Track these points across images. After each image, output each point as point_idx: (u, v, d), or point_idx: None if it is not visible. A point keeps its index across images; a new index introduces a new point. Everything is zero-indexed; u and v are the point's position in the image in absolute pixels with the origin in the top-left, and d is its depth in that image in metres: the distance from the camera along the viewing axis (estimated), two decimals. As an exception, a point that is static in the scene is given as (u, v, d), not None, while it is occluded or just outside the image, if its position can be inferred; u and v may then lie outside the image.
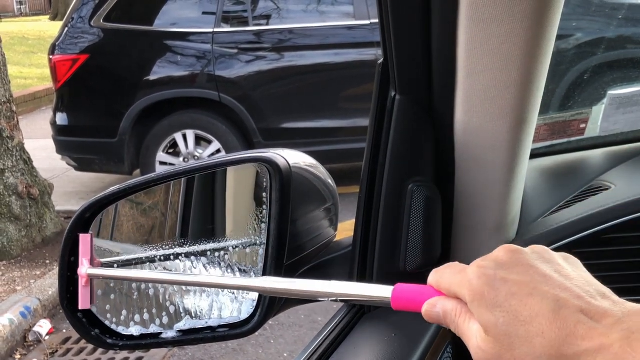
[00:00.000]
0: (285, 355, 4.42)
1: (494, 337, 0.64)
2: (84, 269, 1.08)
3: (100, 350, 4.51)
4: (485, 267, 0.68)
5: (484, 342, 0.66)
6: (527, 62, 1.03)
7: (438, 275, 0.73)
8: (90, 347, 4.58)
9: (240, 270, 1.28)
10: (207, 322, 1.17)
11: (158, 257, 1.27)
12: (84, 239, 1.10)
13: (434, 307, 0.71)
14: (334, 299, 0.80)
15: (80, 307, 1.11)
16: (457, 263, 0.73)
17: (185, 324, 1.17)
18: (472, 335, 0.67)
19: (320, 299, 0.83)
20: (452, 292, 0.70)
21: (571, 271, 0.67)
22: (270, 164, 1.13)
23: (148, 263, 1.29)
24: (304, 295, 0.83)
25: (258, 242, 1.22)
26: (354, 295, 0.78)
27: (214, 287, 1.13)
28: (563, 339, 0.60)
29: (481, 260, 0.70)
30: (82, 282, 1.09)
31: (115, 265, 1.21)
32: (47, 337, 4.77)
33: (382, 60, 1.15)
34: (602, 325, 0.60)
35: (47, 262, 5.90)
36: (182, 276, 1.13)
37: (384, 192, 1.15)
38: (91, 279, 1.10)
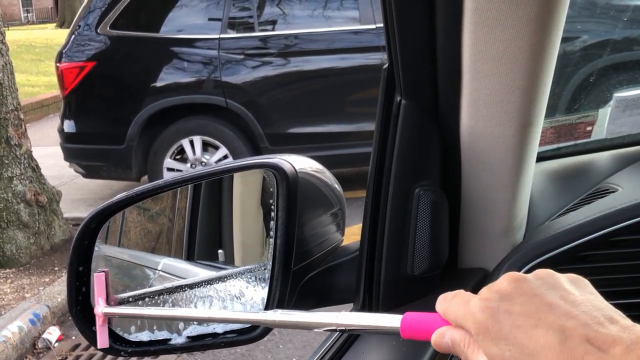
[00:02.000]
0: (294, 360, 4.42)
1: None
2: (100, 308, 1.09)
3: (109, 357, 4.52)
4: (488, 300, 0.67)
5: None
6: (532, 66, 1.03)
7: (445, 305, 0.72)
8: (100, 353, 4.58)
9: (248, 276, 1.28)
10: (215, 328, 1.17)
11: (173, 288, 1.28)
12: (99, 278, 1.10)
13: (442, 338, 0.70)
14: (343, 329, 0.80)
15: (99, 347, 1.11)
16: (462, 292, 0.72)
17: (193, 330, 1.17)
18: None
19: (329, 330, 0.83)
20: (458, 324, 0.69)
21: (578, 295, 0.65)
22: (276, 169, 1.13)
23: (159, 271, 1.29)
24: (311, 327, 0.83)
25: (265, 247, 1.22)
26: (362, 325, 0.78)
27: (225, 322, 1.14)
28: None
29: (485, 290, 0.69)
30: (99, 321, 1.10)
31: (130, 299, 1.21)
32: (56, 344, 4.78)
33: (387, 65, 1.15)
34: (610, 355, 0.58)
35: (56, 269, 5.91)
36: (196, 312, 1.14)
37: (391, 197, 1.15)
38: (108, 317, 1.11)
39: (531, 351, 0.61)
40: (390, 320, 0.75)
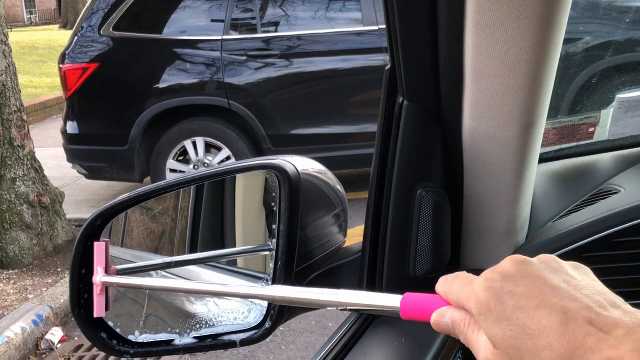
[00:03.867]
0: (297, 361, 4.42)
1: (501, 351, 0.63)
2: (99, 277, 1.09)
3: (112, 358, 4.52)
4: (492, 280, 0.67)
5: (492, 355, 0.65)
6: (534, 67, 1.03)
7: (447, 286, 0.72)
8: (103, 355, 4.59)
9: (250, 276, 1.28)
10: (218, 329, 1.17)
11: (172, 263, 1.28)
12: (99, 247, 1.10)
13: (442, 317, 0.71)
14: (343, 308, 0.80)
15: (95, 316, 1.11)
16: (465, 273, 0.72)
17: (196, 331, 1.18)
18: (481, 347, 0.66)
19: (329, 308, 0.83)
20: (459, 304, 0.70)
21: (581, 280, 0.66)
22: (279, 170, 1.13)
23: (161, 270, 1.29)
24: (313, 304, 0.83)
25: (268, 248, 1.22)
26: (363, 304, 0.78)
27: (225, 296, 1.13)
28: (572, 352, 0.59)
29: (489, 272, 0.69)
30: (97, 290, 1.10)
31: (130, 273, 1.21)
32: (59, 345, 4.78)
33: (389, 66, 1.15)
34: (612, 337, 0.58)
35: (59, 270, 5.91)
36: (195, 285, 1.12)
37: (393, 198, 1.15)
38: (106, 287, 1.10)
39: (533, 332, 0.61)
40: (390, 300, 0.75)
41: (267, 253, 1.22)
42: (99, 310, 1.10)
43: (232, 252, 1.32)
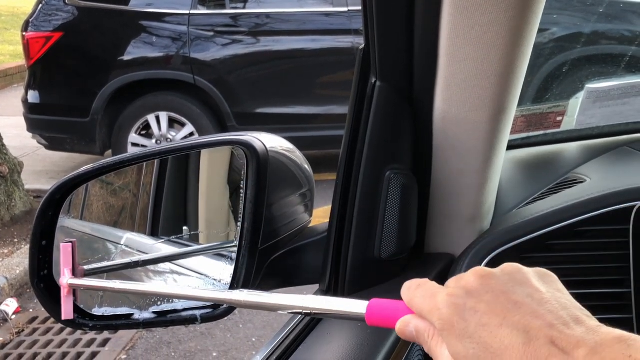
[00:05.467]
0: (254, 340, 4.42)
1: None
2: (66, 279, 1.07)
3: (67, 330, 4.48)
4: (454, 296, 0.67)
5: None
6: (508, 52, 1.03)
7: (410, 295, 0.72)
8: (58, 326, 4.54)
9: (214, 254, 1.27)
10: (177, 305, 1.16)
11: (140, 262, 1.27)
12: (65, 248, 1.07)
13: (407, 326, 0.71)
14: (308, 312, 0.80)
15: (63, 318, 1.09)
16: (427, 282, 0.72)
17: (156, 306, 1.16)
18: None
19: (294, 313, 0.82)
20: (423, 316, 0.70)
21: (545, 292, 0.65)
22: (247, 147, 1.12)
23: (128, 269, 1.28)
24: (278, 309, 0.83)
25: (232, 226, 1.21)
26: (328, 310, 0.78)
27: (190, 299, 1.12)
28: None
29: (453, 283, 0.69)
30: (64, 292, 1.08)
31: (96, 271, 1.19)
32: (13, 316, 4.72)
33: (363, 45, 1.14)
34: (573, 358, 0.57)
35: (16, 240, 5.83)
36: (159, 287, 1.14)
37: (361, 179, 1.14)
38: (74, 288, 1.09)
39: (495, 351, 0.61)
40: (356, 306, 0.74)
41: (230, 230, 1.21)
42: (66, 313, 1.09)
43: (192, 251, 1.31)
